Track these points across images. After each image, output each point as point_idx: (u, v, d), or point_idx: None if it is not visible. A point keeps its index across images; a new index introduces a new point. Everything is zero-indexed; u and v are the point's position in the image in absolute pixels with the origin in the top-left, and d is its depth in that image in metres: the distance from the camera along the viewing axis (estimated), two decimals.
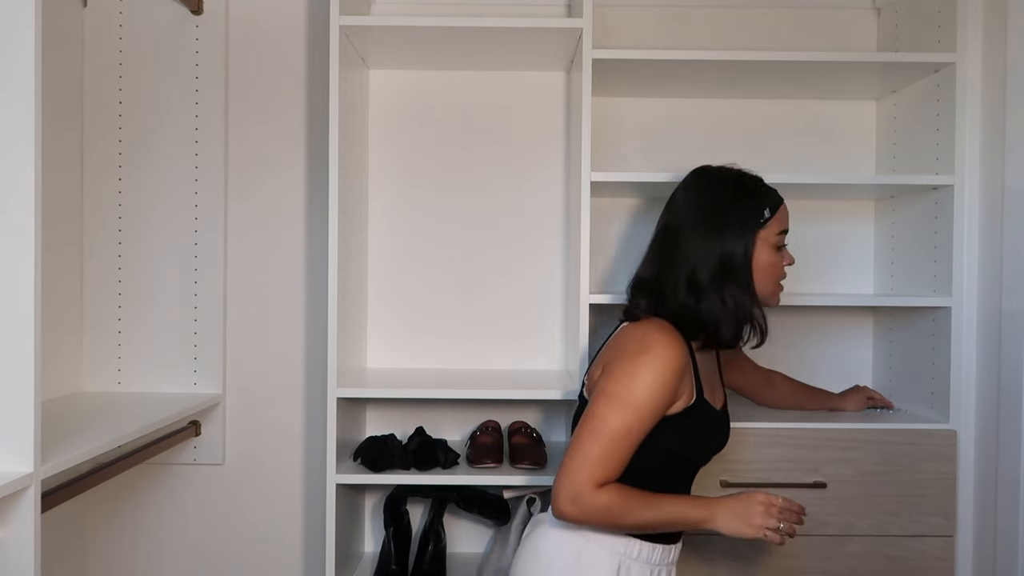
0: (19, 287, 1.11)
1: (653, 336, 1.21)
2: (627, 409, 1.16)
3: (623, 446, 1.17)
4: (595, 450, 1.16)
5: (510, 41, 1.75)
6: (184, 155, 1.87)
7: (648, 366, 1.17)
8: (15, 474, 1.09)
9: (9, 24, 1.09)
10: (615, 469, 1.17)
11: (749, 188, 1.32)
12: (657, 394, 1.17)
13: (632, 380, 1.17)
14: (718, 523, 1.21)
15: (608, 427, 1.16)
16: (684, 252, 1.26)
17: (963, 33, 1.70)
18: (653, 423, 1.19)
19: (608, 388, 1.19)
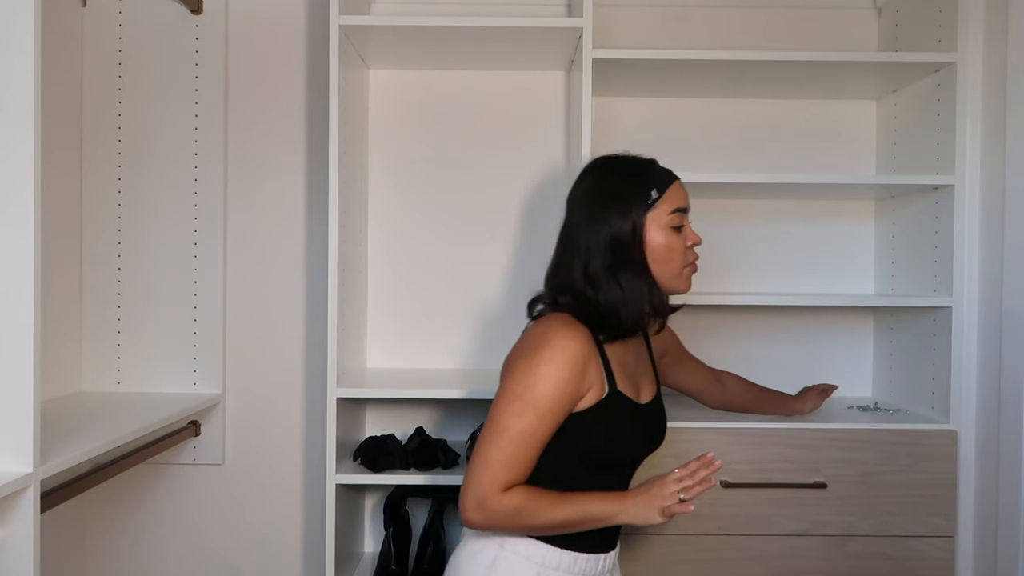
0: (19, 287, 1.11)
1: (551, 330, 1.17)
2: (527, 409, 1.12)
3: (526, 447, 1.13)
4: (497, 454, 1.12)
5: (510, 41, 1.75)
6: (184, 155, 1.87)
7: (546, 361, 1.13)
8: (15, 474, 1.09)
9: (9, 24, 1.09)
10: (520, 472, 1.13)
11: (634, 170, 1.27)
12: (558, 390, 1.13)
13: (530, 378, 1.13)
14: (630, 515, 1.16)
15: (508, 429, 1.12)
16: (577, 243, 1.23)
17: (964, 33, 1.70)
18: (558, 421, 1.15)
19: (507, 388, 1.15)
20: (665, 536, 1.64)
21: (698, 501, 1.61)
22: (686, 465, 1.16)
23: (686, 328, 2.01)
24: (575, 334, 1.16)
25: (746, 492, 1.64)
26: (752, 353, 2.00)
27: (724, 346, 2.00)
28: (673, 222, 1.24)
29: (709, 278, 2.02)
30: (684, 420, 1.67)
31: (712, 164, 1.99)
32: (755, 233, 2.01)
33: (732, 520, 1.64)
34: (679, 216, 1.25)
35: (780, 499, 1.64)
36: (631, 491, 1.19)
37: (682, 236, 1.26)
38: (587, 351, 1.17)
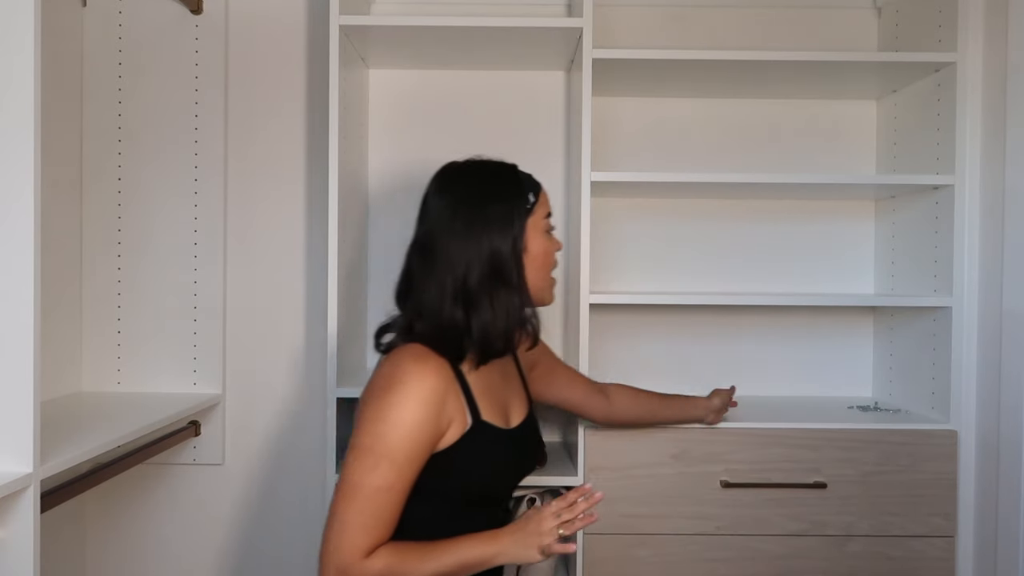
0: (19, 287, 1.10)
1: (402, 368, 1.07)
2: (381, 461, 1.02)
3: (387, 503, 1.02)
4: (355, 516, 1.01)
5: (510, 41, 1.75)
6: (184, 155, 1.87)
7: (398, 405, 1.03)
8: (14, 474, 1.09)
9: (8, 24, 1.09)
10: (383, 531, 1.03)
11: (507, 176, 1.21)
12: (413, 435, 1.03)
13: (381, 426, 1.02)
14: (508, 555, 1.07)
15: (363, 486, 1.01)
16: (446, 260, 1.11)
17: (964, 33, 1.70)
18: (418, 467, 1.05)
19: (357, 441, 1.04)
20: (665, 536, 1.64)
21: (698, 501, 1.63)
22: (564, 497, 1.09)
23: (686, 328, 2.02)
24: (430, 370, 1.07)
25: (746, 492, 1.64)
26: (752, 353, 2.00)
27: (724, 346, 2.00)
28: (547, 227, 1.20)
29: (709, 278, 2.03)
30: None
31: (712, 164, 1.99)
32: (755, 233, 2.01)
33: (732, 520, 1.64)
34: (549, 221, 1.21)
35: (780, 499, 1.64)
36: (507, 529, 1.10)
37: (551, 241, 1.21)
38: (444, 386, 1.07)
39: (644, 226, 2.00)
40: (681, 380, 2.00)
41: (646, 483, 1.64)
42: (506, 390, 1.23)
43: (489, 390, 1.17)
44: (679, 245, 2.00)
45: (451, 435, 1.09)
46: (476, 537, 1.08)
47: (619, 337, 1.99)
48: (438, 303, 1.11)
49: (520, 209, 1.16)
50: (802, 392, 2.00)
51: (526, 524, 1.08)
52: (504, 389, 1.22)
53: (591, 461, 1.64)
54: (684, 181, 1.71)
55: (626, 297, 1.75)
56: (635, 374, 2.00)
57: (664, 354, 2.00)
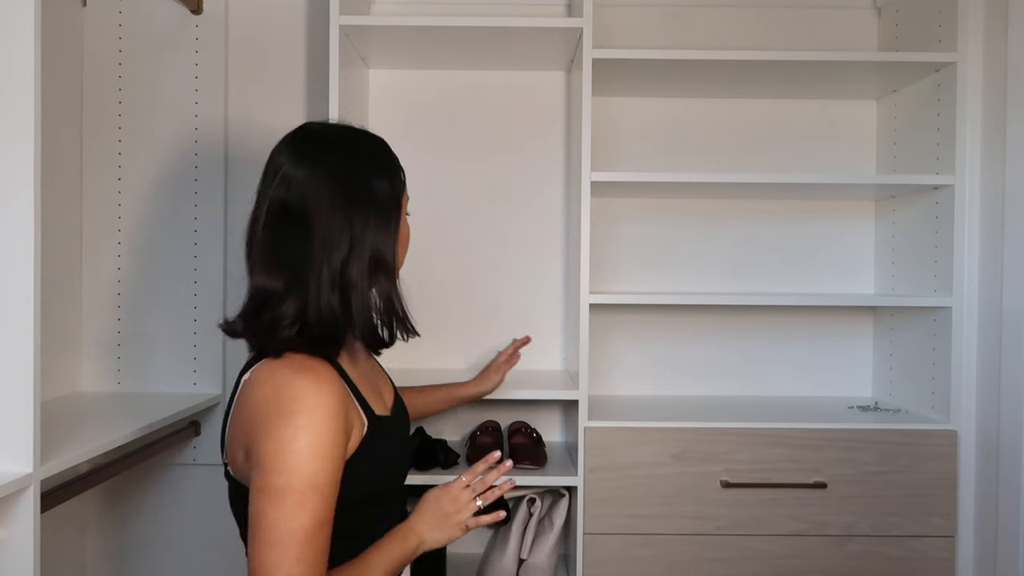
0: (19, 287, 1.10)
1: (294, 387, 0.91)
2: (308, 497, 0.88)
3: (324, 541, 0.90)
4: (292, 568, 0.87)
5: (510, 41, 1.75)
6: (184, 154, 1.87)
7: (306, 428, 0.88)
8: (15, 474, 1.09)
9: (8, 24, 1.09)
10: (319, 568, 0.89)
11: (383, 149, 1.07)
12: (327, 457, 0.90)
13: (292, 458, 0.88)
14: (428, 541, 1.04)
15: (297, 532, 0.87)
16: (323, 243, 0.96)
17: (964, 33, 1.70)
18: (338, 486, 0.93)
19: (268, 483, 0.88)
20: (665, 536, 1.64)
21: (698, 501, 1.63)
22: (471, 469, 1.06)
23: (686, 328, 2.02)
24: (325, 382, 0.93)
25: (746, 492, 1.64)
26: (752, 353, 2.00)
27: (724, 346, 2.00)
28: (406, 208, 1.09)
29: (709, 278, 2.03)
30: (683, 420, 1.67)
31: (712, 164, 2.00)
32: (755, 233, 2.01)
33: (732, 520, 1.64)
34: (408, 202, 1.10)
35: (780, 499, 1.64)
36: (420, 516, 1.05)
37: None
38: (342, 396, 0.94)
39: (644, 226, 2.00)
40: (681, 380, 2.01)
41: (646, 483, 1.64)
42: (373, 373, 1.16)
43: (365, 379, 1.09)
44: (679, 245, 2.00)
45: (353, 442, 0.98)
46: (394, 537, 1.03)
47: (619, 337, 2.00)
48: (315, 289, 0.96)
49: (397, 188, 1.05)
50: (802, 392, 2.00)
51: (438, 505, 1.05)
52: (372, 373, 1.15)
53: (591, 461, 1.64)
54: (684, 181, 1.71)
55: (626, 297, 1.75)
56: (635, 374, 2.01)
57: (664, 354, 2.00)
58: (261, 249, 0.99)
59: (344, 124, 1.09)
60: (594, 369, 1.92)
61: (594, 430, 1.64)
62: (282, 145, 1.04)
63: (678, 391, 2.00)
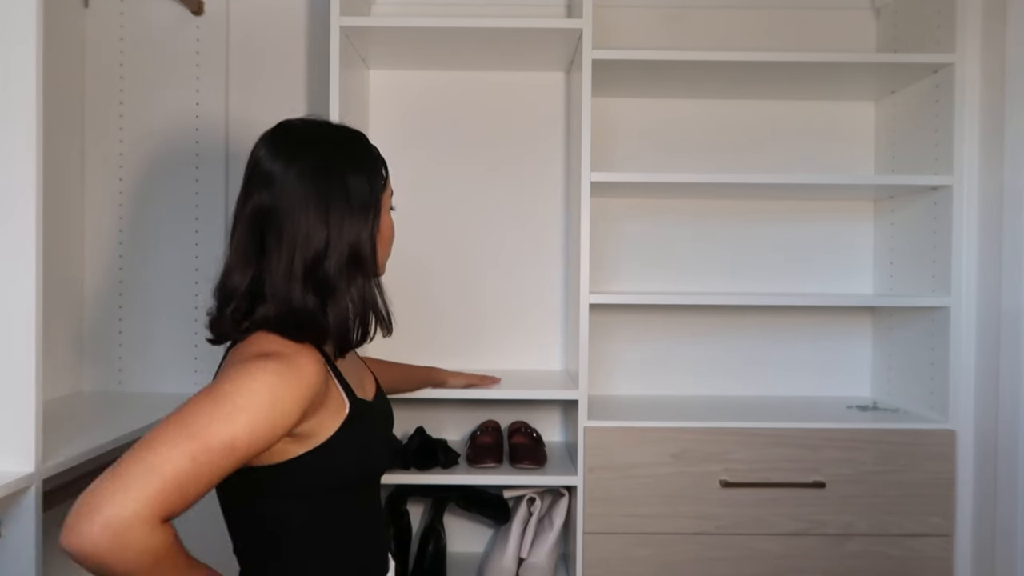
0: (20, 287, 1.11)
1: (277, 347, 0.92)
2: (239, 415, 0.83)
3: (219, 467, 0.82)
4: (176, 462, 0.79)
5: (510, 41, 1.75)
6: (185, 155, 1.88)
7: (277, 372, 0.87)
8: (16, 473, 1.09)
9: (10, 24, 1.10)
10: (191, 499, 0.81)
11: (362, 145, 1.05)
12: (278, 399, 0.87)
13: (251, 383, 0.86)
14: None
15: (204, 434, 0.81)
16: (297, 240, 0.95)
17: (962, 33, 1.71)
18: (264, 448, 0.87)
19: (217, 387, 0.86)
20: (665, 536, 1.64)
21: (698, 501, 1.64)
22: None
23: (686, 328, 2.03)
24: (307, 355, 0.92)
25: (746, 492, 1.64)
26: (752, 353, 2.01)
27: (724, 346, 2.01)
28: (390, 203, 1.07)
29: (709, 278, 2.03)
30: (683, 420, 1.67)
31: (712, 164, 2.00)
32: (755, 233, 2.01)
33: (732, 520, 1.64)
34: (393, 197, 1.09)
35: (779, 499, 1.64)
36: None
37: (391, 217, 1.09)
38: (319, 372, 0.93)
39: (644, 226, 2.01)
40: (681, 380, 2.01)
41: (646, 483, 1.64)
42: (357, 365, 1.16)
43: (348, 368, 1.08)
44: (679, 245, 2.01)
45: (330, 425, 0.95)
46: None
47: (619, 337, 2.00)
48: (287, 287, 0.95)
49: (378, 184, 1.03)
50: (802, 392, 2.01)
51: None
52: (355, 364, 1.15)
53: (591, 461, 1.64)
54: (684, 181, 1.71)
55: (626, 297, 1.75)
56: (635, 374, 2.01)
57: (664, 354, 2.00)
58: (236, 248, 0.99)
59: (321, 120, 1.08)
60: (594, 369, 1.93)
61: (594, 430, 1.65)
62: (260, 142, 1.04)
63: (678, 391, 2.01)
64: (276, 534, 0.98)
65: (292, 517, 0.97)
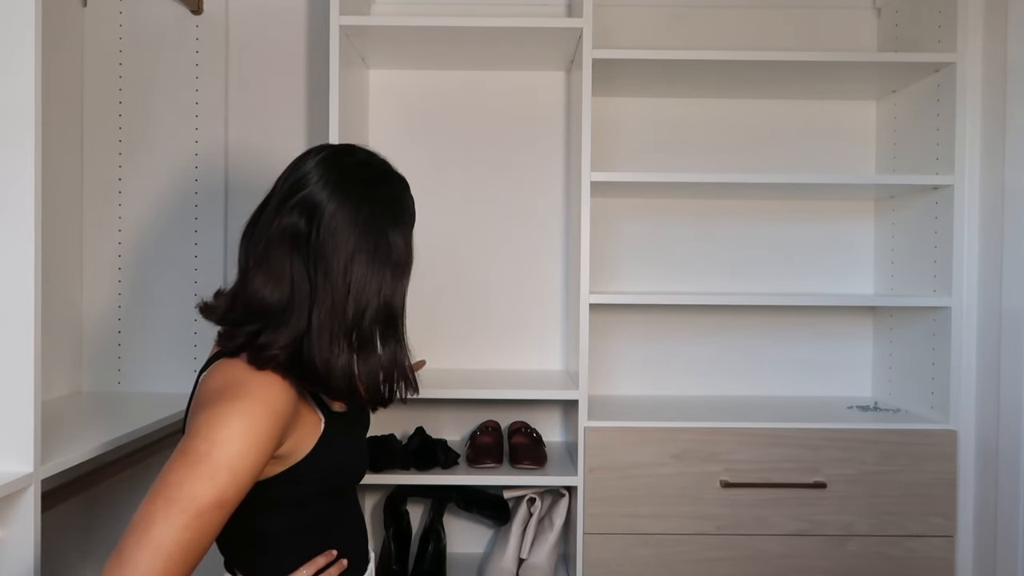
0: (19, 287, 1.11)
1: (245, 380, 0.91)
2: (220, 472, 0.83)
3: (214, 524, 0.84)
4: (174, 534, 0.81)
5: (510, 41, 1.75)
6: (184, 155, 1.87)
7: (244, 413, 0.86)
8: (15, 474, 1.09)
9: (9, 24, 1.09)
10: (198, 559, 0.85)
11: (401, 188, 1.03)
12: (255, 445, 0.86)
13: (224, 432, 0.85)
14: None
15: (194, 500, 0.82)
16: (338, 284, 0.93)
17: (963, 33, 1.71)
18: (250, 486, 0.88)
19: (191, 446, 0.85)
20: (665, 536, 1.64)
21: (698, 501, 1.63)
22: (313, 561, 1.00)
23: (686, 328, 2.02)
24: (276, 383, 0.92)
25: (746, 492, 1.64)
26: (752, 353, 2.01)
27: (724, 346, 2.01)
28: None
29: (709, 278, 2.03)
30: (683, 420, 1.67)
31: (712, 164, 2.00)
32: (755, 233, 2.01)
33: (732, 520, 1.64)
34: None
35: (780, 499, 1.64)
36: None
37: None
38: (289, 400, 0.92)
39: (644, 226, 2.00)
40: (681, 380, 2.01)
41: (646, 483, 1.64)
42: None
43: None
44: (679, 245, 2.01)
45: (307, 442, 0.96)
46: None
47: (619, 337, 2.00)
48: (329, 334, 0.93)
49: (411, 243, 1.02)
50: (802, 392, 2.00)
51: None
52: None
53: (591, 461, 1.64)
54: (684, 181, 1.71)
55: (626, 297, 1.75)
56: (635, 374, 2.01)
57: (664, 354, 2.00)
58: (265, 256, 0.95)
59: (379, 157, 1.05)
60: (594, 369, 1.93)
61: (594, 430, 1.64)
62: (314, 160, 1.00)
63: (678, 391, 2.00)
64: (258, 543, 1.01)
65: (275, 526, 0.99)
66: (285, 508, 0.98)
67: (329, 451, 0.99)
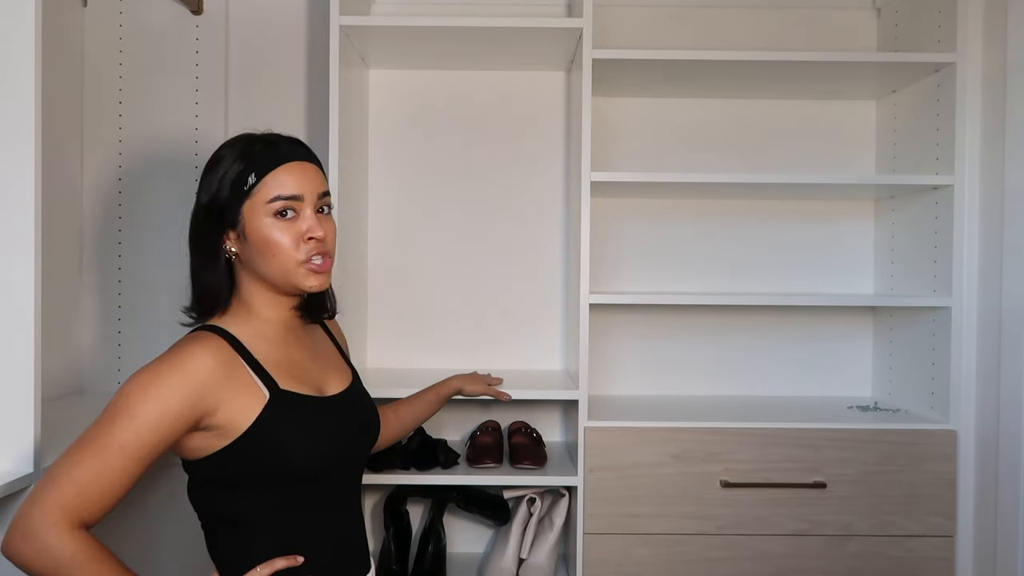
0: (19, 286, 1.11)
1: (177, 348, 1.02)
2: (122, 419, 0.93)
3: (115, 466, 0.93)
4: (71, 470, 0.91)
5: (510, 41, 1.75)
6: (184, 155, 1.87)
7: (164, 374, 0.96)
8: (15, 474, 1.09)
9: (9, 24, 1.09)
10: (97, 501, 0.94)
11: (241, 152, 1.11)
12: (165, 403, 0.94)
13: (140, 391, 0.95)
14: None
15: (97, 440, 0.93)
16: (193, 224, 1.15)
17: (963, 33, 1.70)
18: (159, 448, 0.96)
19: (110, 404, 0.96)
20: (665, 536, 1.64)
21: (698, 501, 1.63)
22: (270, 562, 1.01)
23: (686, 328, 2.02)
24: (206, 351, 1.00)
25: (746, 492, 1.64)
26: (752, 353, 2.01)
27: (724, 346, 2.01)
28: (272, 210, 1.08)
29: (709, 278, 2.03)
30: (683, 420, 1.67)
31: (712, 164, 2.00)
32: (755, 233, 2.01)
33: (732, 520, 1.64)
34: (280, 203, 1.07)
35: (780, 499, 1.64)
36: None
37: (290, 224, 1.08)
38: (218, 368, 0.99)
39: (644, 226, 2.00)
40: (681, 380, 2.01)
41: (646, 483, 1.64)
42: (315, 364, 1.15)
43: (290, 364, 1.09)
44: (679, 245, 2.01)
45: (246, 416, 1.00)
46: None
47: (619, 337, 2.00)
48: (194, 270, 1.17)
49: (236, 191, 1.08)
50: (802, 392, 2.00)
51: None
52: (313, 362, 1.14)
53: (591, 461, 1.64)
54: (684, 181, 1.71)
55: (626, 297, 1.75)
56: (635, 374, 2.01)
57: (664, 354, 2.00)
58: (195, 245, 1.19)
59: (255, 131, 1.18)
60: (594, 369, 1.93)
61: (594, 430, 1.64)
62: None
63: (678, 391, 2.00)
64: (228, 527, 1.04)
65: (239, 510, 1.02)
66: (246, 491, 1.01)
67: (276, 428, 1.01)
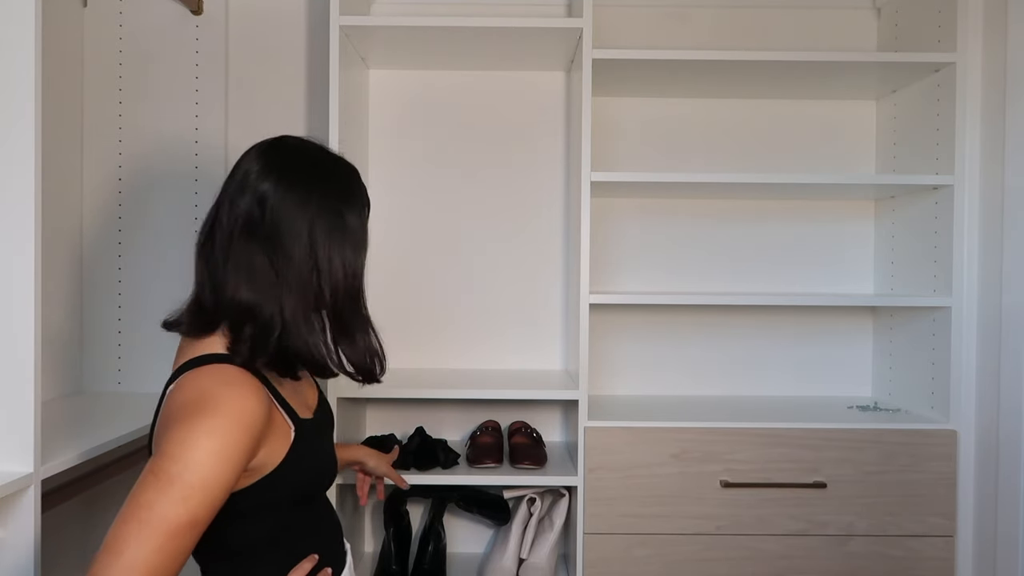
0: (20, 287, 1.11)
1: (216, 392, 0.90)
2: (194, 493, 0.84)
3: (187, 545, 0.85)
4: (147, 555, 0.81)
5: (510, 41, 1.75)
6: (184, 155, 1.87)
7: (213, 432, 0.86)
8: (15, 474, 1.09)
9: (9, 24, 1.09)
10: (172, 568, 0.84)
11: (348, 170, 1.05)
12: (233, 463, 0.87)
13: (194, 453, 0.85)
14: None
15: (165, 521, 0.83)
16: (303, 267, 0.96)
17: (963, 33, 1.70)
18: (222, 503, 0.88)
19: (160, 466, 0.85)
20: (665, 536, 1.64)
21: (698, 501, 1.63)
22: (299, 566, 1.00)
23: (686, 328, 2.02)
24: (249, 396, 0.91)
25: (746, 492, 1.64)
26: (752, 353, 2.01)
27: (724, 346, 2.01)
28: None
29: (709, 278, 2.03)
30: (683, 420, 1.67)
31: (712, 164, 2.00)
32: (755, 233, 2.01)
33: (732, 520, 1.64)
34: None
35: (780, 499, 1.64)
36: None
37: None
38: (263, 410, 0.92)
39: (644, 226, 2.00)
40: (681, 380, 2.01)
41: (646, 483, 1.64)
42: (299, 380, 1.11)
43: (291, 389, 1.06)
44: (679, 245, 2.01)
45: (278, 452, 0.96)
46: None
47: (619, 337, 2.00)
48: (291, 320, 0.96)
49: (366, 222, 1.05)
50: (802, 392, 2.00)
51: None
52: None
53: (591, 461, 1.64)
54: (684, 181, 1.71)
55: (626, 297, 1.75)
56: (635, 374, 2.01)
57: (664, 354, 2.00)
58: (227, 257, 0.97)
59: (320, 144, 1.06)
60: (594, 369, 1.93)
61: (594, 430, 1.64)
62: (253, 154, 1.03)
63: (678, 391, 2.00)
64: (233, 553, 0.99)
65: (249, 536, 0.98)
66: (258, 517, 0.98)
67: (300, 459, 0.99)
